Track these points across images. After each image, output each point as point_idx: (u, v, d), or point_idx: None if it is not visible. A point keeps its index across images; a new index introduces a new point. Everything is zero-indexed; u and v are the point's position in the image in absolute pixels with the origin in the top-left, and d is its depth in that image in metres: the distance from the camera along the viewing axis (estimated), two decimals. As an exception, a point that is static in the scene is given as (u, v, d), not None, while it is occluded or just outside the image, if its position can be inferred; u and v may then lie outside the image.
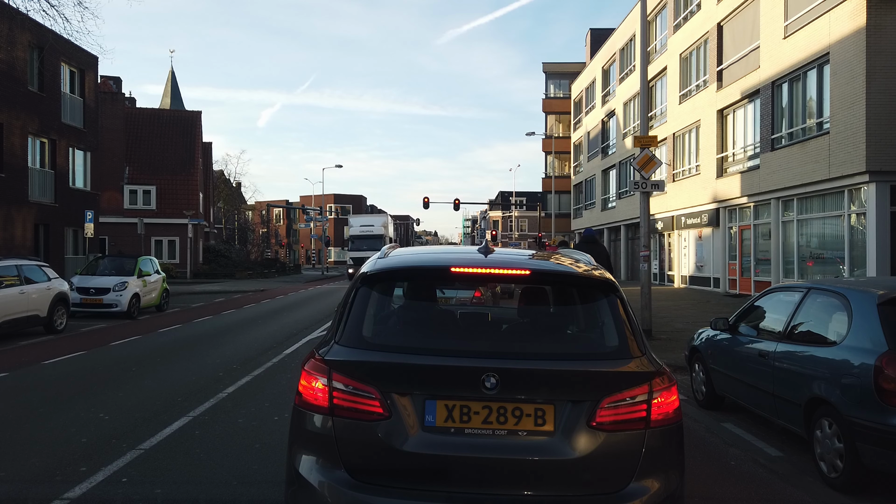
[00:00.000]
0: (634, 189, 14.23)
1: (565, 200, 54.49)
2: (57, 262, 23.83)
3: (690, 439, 5.41)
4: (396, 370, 3.16)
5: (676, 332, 13.65)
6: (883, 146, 15.84)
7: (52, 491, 4.91)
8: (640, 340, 3.35)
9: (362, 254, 38.20)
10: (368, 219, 50.63)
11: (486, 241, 4.34)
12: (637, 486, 3.04)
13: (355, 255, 41.41)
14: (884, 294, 5.21)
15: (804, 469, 5.61)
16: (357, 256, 40.40)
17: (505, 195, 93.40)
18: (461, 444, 3.03)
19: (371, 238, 43.63)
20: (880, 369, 4.77)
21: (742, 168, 23.14)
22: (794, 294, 6.45)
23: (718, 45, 24.74)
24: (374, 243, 40.84)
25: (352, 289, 3.57)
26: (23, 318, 13.96)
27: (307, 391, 3.22)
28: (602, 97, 42.30)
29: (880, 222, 16.01)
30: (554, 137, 54.04)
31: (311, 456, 3.17)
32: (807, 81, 19.08)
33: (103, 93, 37.39)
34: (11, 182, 23.03)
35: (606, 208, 41.07)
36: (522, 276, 3.69)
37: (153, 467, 5.46)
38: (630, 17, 35.69)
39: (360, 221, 48.50)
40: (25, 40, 23.58)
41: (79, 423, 6.87)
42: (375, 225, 47.03)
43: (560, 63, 58.82)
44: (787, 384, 5.90)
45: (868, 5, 15.86)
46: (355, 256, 41.13)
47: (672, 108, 29.62)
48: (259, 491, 4.95)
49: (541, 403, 3.07)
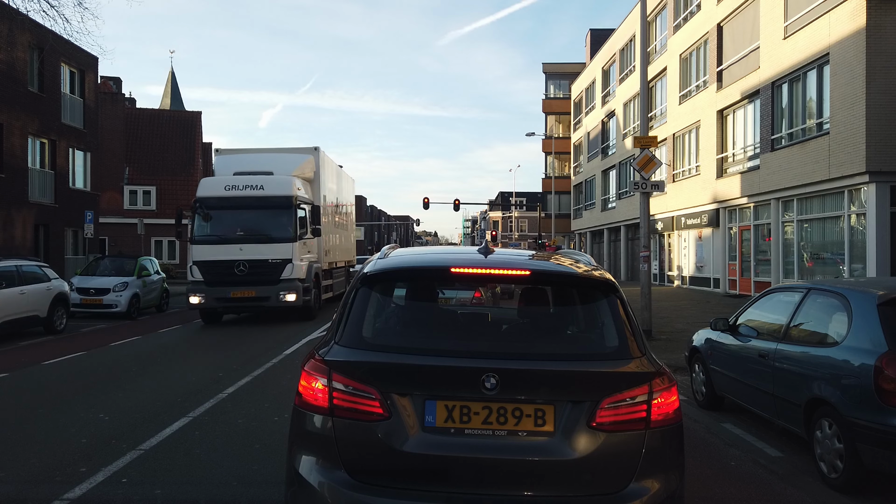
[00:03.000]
0: (634, 189, 14.23)
1: (565, 201, 54.47)
2: (57, 263, 23.83)
3: (690, 440, 5.41)
4: (396, 370, 3.16)
5: (676, 333, 13.64)
6: (883, 146, 15.83)
7: (52, 491, 4.91)
8: (640, 341, 3.35)
9: (226, 251, 16.16)
10: (256, 160, 18.49)
11: (486, 242, 4.33)
12: (637, 486, 3.04)
13: (204, 258, 16.30)
14: (884, 294, 5.20)
15: (804, 469, 5.61)
16: (208, 260, 16.25)
17: (505, 195, 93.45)
18: (461, 445, 3.03)
19: (257, 208, 16.61)
20: (880, 370, 4.77)
21: (742, 168, 23.14)
22: (794, 294, 6.45)
23: (718, 45, 24.74)
24: (262, 220, 16.51)
25: (352, 289, 3.57)
26: (23, 319, 13.97)
27: (307, 391, 3.22)
28: (602, 98, 42.29)
29: (880, 222, 16.01)
30: (554, 138, 54.05)
31: (310, 456, 3.17)
32: (807, 82, 19.08)
33: (103, 93, 37.40)
34: (11, 182, 23.03)
35: (606, 209, 41.07)
36: (522, 276, 3.69)
37: (153, 468, 5.46)
38: (630, 18, 35.69)
39: (237, 164, 18.31)
40: (25, 41, 23.58)
41: (79, 424, 6.87)
42: (277, 174, 17.47)
43: (560, 63, 58.81)
44: (787, 384, 5.90)
45: (868, 6, 15.86)
46: (204, 260, 16.30)
47: (672, 109, 29.62)
48: (259, 491, 4.95)
49: (541, 404, 3.07)
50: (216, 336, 14.41)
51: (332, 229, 21.46)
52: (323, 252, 19.26)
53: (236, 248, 16.22)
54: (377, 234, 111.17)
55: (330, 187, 21.33)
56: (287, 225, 16.41)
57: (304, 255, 17.13)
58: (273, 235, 16.33)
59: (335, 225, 22.42)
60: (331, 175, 21.72)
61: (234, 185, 16.67)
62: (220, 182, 17.02)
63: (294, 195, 16.69)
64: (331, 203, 21.42)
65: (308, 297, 16.92)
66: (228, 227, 16.50)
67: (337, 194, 23.01)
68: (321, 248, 18.92)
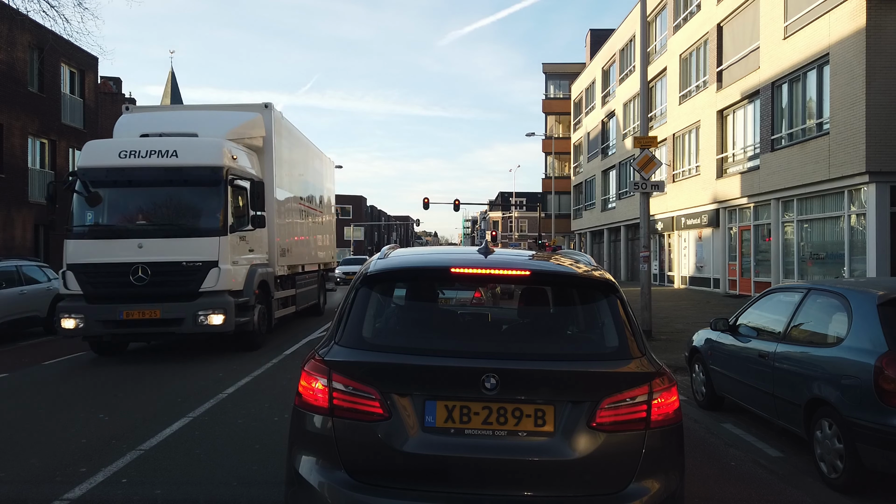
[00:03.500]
0: (634, 190, 14.23)
1: (565, 201, 54.48)
2: (57, 263, 23.79)
3: (690, 440, 5.41)
4: (396, 371, 3.16)
5: (676, 333, 13.64)
6: (883, 146, 15.84)
7: (52, 491, 4.91)
8: (640, 341, 3.35)
9: (117, 249, 10.78)
10: (176, 119, 13.04)
11: (486, 242, 4.33)
12: (637, 486, 3.04)
13: (83, 260, 10.79)
14: (884, 294, 5.20)
15: (804, 469, 5.61)
16: (90, 263, 10.77)
17: (505, 196, 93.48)
18: (461, 445, 3.03)
19: (167, 184, 11.15)
20: (880, 370, 4.77)
21: (742, 169, 23.14)
22: (794, 295, 6.45)
23: (718, 45, 24.74)
24: (174, 202, 11.34)
25: (352, 289, 3.57)
26: (23, 319, 13.97)
27: (307, 392, 3.22)
28: (602, 98, 42.30)
29: (880, 223, 16.02)
30: (554, 138, 54.04)
31: (310, 456, 3.16)
32: (807, 82, 19.08)
33: (103, 93, 37.38)
34: (11, 183, 23.04)
35: (606, 209, 41.06)
36: (522, 276, 3.69)
37: (153, 468, 5.46)
38: (630, 18, 35.69)
39: (147, 124, 12.40)
40: (25, 41, 23.60)
41: (79, 424, 6.88)
42: (202, 136, 11.85)
43: (560, 64, 58.81)
44: (787, 385, 5.90)
45: (868, 6, 15.86)
46: (83, 263, 10.79)
47: (672, 109, 29.62)
48: (259, 491, 4.95)
49: (541, 404, 3.07)
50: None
51: (295, 219, 15.66)
52: (278, 251, 13.66)
53: (133, 244, 10.70)
54: (377, 234, 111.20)
55: (290, 160, 15.06)
56: (213, 210, 11.03)
57: (241, 256, 11.65)
58: (190, 225, 10.95)
59: (302, 214, 16.33)
60: (292, 145, 15.35)
61: (135, 150, 11.09)
62: (114, 147, 11.34)
63: (225, 165, 11.16)
64: (293, 183, 15.40)
65: (246, 318, 11.43)
66: (123, 214, 11.21)
67: (304, 172, 16.60)
68: (274, 246, 13.43)
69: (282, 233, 14.12)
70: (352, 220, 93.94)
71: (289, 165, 14.98)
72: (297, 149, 16.00)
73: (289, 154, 15.04)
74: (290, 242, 15.01)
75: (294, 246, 15.43)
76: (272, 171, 13.55)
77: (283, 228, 14.27)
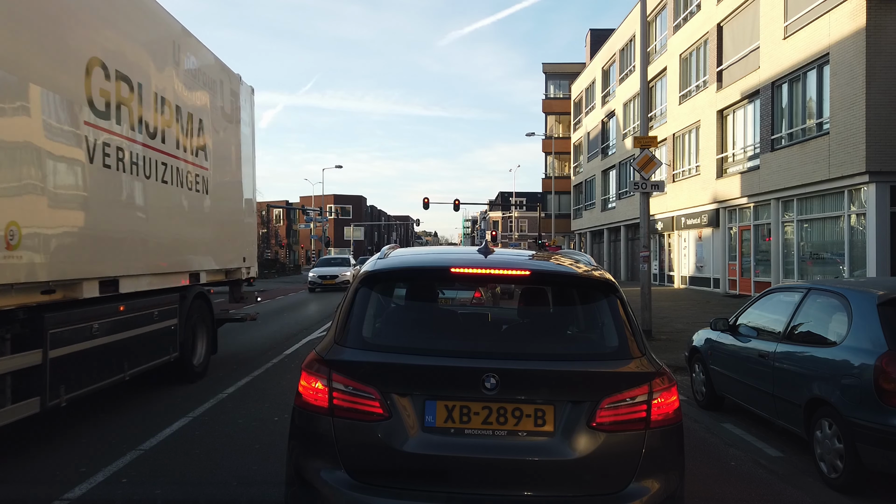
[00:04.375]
0: (634, 189, 14.23)
1: (565, 201, 54.49)
2: None
3: (690, 440, 5.41)
4: (396, 371, 3.16)
5: (676, 333, 13.64)
6: (883, 146, 15.84)
7: (51, 491, 4.90)
8: (640, 341, 3.35)
9: None
10: None
11: (486, 242, 4.33)
12: (637, 486, 3.04)
13: None
14: (884, 294, 5.21)
15: (804, 469, 5.61)
16: None
17: (505, 196, 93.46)
18: (461, 445, 3.03)
19: None
20: (880, 369, 4.77)
21: (742, 168, 23.15)
22: (794, 294, 6.45)
23: (718, 45, 24.74)
24: None
25: (352, 289, 3.57)
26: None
27: (307, 391, 3.22)
28: (602, 98, 42.30)
29: (880, 222, 16.02)
30: (554, 138, 54.06)
31: (310, 456, 3.16)
32: (807, 82, 19.09)
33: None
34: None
35: (606, 209, 41.07)
36: (522, 276, 3.69)
37: (153, 468, 5.45)
38: (630, 18, 35.70)
39: None
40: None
41: (78, 424, 6.87)
42: None
43: (560, 64, 58.84)
44: (787, 385, 5.90)
45: (868, 6, 15.86)
46: None
47: (672, 109, 29.63)
48: (259, 491, 4.95)
49: (541, 404, 3.07)
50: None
51: (99, 178, 6.44)
52: (48, 244, 5.61)
53: None
54: (377, 234, 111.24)
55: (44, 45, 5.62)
56: None
57: None
58: None
59: (117, 156, 6.74)
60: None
61: None
62: None
63: None
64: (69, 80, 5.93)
65: None
66: None
67: (119, 65, 6.78)
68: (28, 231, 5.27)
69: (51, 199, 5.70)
70: (352, 219, 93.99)
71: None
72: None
73: None
74: (91, 222, 6.36)
75: (104, 233, 6.69)
76: None
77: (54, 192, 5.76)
